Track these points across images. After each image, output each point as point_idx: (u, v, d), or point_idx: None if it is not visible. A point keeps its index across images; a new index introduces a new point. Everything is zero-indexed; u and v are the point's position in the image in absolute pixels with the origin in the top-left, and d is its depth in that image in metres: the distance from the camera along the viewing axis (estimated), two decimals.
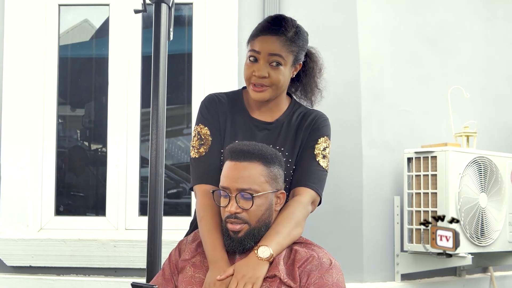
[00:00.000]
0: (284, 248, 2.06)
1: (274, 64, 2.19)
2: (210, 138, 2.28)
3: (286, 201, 2.19)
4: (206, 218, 2.15)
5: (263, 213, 2.05)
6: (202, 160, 2.27)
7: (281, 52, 2.18)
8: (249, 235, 2.03)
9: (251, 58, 2.22)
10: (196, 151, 2.29)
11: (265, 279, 1.99)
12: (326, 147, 2.29)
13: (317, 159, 2.25)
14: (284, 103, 2.33)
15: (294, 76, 2.30)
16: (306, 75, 2.37)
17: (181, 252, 2.17)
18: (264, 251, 2.01)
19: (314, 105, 2.42)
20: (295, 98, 2.41)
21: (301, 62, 2.30)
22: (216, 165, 2.25)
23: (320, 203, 2.28)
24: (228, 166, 2.07)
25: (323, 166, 2.26)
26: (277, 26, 2.21)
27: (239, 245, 2.04)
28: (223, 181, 2.06)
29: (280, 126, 2.29)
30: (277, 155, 2.11)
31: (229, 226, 2.04)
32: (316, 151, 2.26)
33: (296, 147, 2.27)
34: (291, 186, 2.26)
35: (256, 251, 2.01)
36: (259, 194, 2.03)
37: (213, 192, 2.11)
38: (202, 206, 2.20)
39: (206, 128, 2.30)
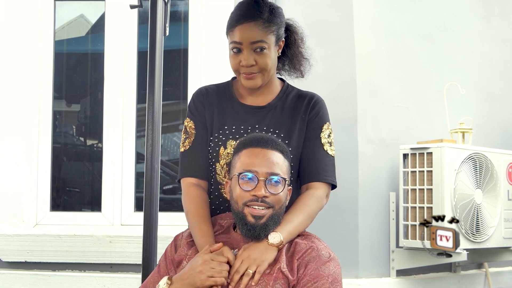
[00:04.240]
0: (293, 237, 2.06)
1: (259, 50, 2.18)
2: (194, 132, 2.29)
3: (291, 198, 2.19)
4: (191, 211, 2.17)
5: (285, 199, 2.06)
6: (187, 153, 2.28)
7: (262, 37, 2.17)
8: (272, 219, 2.00)
9: (234, 50, 2.20)
10: (182, 144, 2.30)
11: None
12: (330, 133, 2.29)
13: (325, 149, 2.26)
14: (275, 86, 2.32)
15: (280, 54, 2.29)
16: (290, 48, 2.35)
17: (177, 247, 2.16)
18: (275, 237, 2.00)
19: (305, 75, 2.40)
20: (285, 75, 2.40)
21: (283, 39, 2.29)
22: (200, 158, 2.26)
23: (335, 187, 2.29)
24: (252, 152, 2.04)
25: (331, 154, 2.28)
26: (251, 11, 2.19)
27: (263, 230, 1.99)
28: (249, 165, 2.01)
29: (273, 109, 2.28)
30: (290, 154, 2.13)
31: (252, 210, 1.99)
32: (323, 140, 2.26)
33: (294, 130, 2.26)
34: (302, 178, 2.26)
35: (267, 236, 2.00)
36: (287, 180, 2.04)
37: (238, 175, 2.02)
38: (187, 198, 2.21)
39: (191, 121, 2.31)
